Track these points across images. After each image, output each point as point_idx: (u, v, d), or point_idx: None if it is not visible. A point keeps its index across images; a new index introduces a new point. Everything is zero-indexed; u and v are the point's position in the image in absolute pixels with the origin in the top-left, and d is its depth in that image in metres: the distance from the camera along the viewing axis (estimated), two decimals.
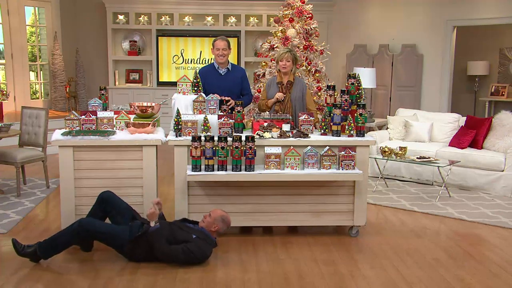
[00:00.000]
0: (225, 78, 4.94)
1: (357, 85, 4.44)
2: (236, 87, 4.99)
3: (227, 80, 4.93)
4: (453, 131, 6.48)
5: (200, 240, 3.67)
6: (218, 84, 4.86)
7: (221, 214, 3.84)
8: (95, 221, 3.73)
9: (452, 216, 4.99)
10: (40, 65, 9.37)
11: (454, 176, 5.93)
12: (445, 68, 8.51)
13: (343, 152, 4.05)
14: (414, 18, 8.74)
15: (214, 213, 3.83)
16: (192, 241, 3.64)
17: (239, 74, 5.06)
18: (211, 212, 3.85)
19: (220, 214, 3.84)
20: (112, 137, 4.05)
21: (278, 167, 4.02)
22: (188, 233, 3.69)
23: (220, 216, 3.82)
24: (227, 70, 4.97)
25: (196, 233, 3.70)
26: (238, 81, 5.02)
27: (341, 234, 4.41)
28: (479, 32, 9.27)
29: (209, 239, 3.74)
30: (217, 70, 4.94)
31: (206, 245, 3.68)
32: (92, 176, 4.07)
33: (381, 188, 5.98)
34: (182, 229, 3.73)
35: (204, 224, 3.80)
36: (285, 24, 7.12)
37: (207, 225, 3.80)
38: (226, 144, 3.94)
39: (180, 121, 4.08)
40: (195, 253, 3.61)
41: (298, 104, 4.88)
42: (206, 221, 3.80)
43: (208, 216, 3.82)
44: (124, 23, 9.47)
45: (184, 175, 4.04)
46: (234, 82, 4.98)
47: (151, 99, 9.19)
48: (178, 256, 3.60)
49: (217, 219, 3.80)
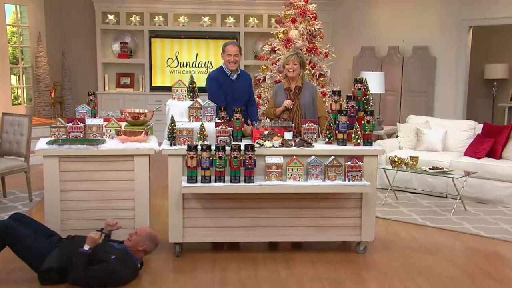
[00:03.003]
0: (236, 85, 5.00)
1: (365, 90, 4.49)
2: (246, 94, 5.07)
3: (238, 87, 5.00)
4: (469, 140, 6.51)
5: (119, 262, 3.58)
6: (230, 90, 4.93)
7: (148, 232, 3.82)
8: (19, 224, 3.71)
9: (468, 231, 5.02)
10: (23, 68, 9.41)
11: (470, 188, 5.95)
12: (460, 71, 8.51)
13: (350, 162, 4.09)
14: (426, 17, 8.78)
15: (140, 231, 3.79)
16: (110, 262, 3.56)
17: (247, 80, 5.13)
18: (138, 229, 3.82)
19: (147, 232, 3.81)
20: (102, 146, 4.09)
21: (280, 178, 4.06)
22: (108, 254, 3.62)
23: (147, 234, 3.79)
24: (237, 76, 5.02)
25: (116, 253, 3.64)
26: (247, 87, 5.09)
27: (347, 251, 4.44)
28: (498, 32, 9.26)
29: (130, 260, 3.69)
30: (229, 76, 4.98)
31: (124, 268, 3.61)
32: (80, 188, 4.11)
33: (391, 201, 6.01)
34: (103, 249, 3.64)
35: (130, 243, 3.75)
36: (287, 25, 7.20)
37: (133, 244, 3.74)
38: (224, 154, 3.98)
39: (174, 129, 4.13)
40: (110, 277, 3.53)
41: (309, 110, 4.92)
42: (133, 239, 3.75)
43: (135, 234, 3.78)
44: (114, 23, 9.55)
45: (179, 187, 4.08)
46: (244, 88, 5.05)
47: (144, 106, 9.21)
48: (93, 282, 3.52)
49: (144, 237, 3.76)
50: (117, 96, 9.52)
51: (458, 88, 8.56)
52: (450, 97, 8.63)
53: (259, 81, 7.37)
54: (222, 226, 4.26)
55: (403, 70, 8.83)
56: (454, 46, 8.54)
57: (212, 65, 9.52)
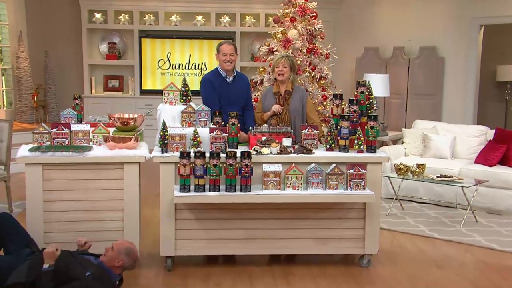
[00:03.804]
0: (232, 87, 5.02)
1: (368, 93, 4.53)
2: (242, 98, 5.09)
3: (234, 90, 5.02)
4: (480, 146, 6.56)
5: (93, 280, 3.51)
6: (226, 94, 4.95)
7: (126, 246, 3.76)
8: None
9: (480, 244, 5.04)
10: (2, 70, 9.41)
11: (482, 197, 5.99)
12: (470, 73, 8.52)
13: (352, 170, 4.13)
14: (434, 15, 8.80)
15: (117, 246, 3.74)
16: (83, 280, 3.47)
17: (245, 83, 5.16)
18: (114, 244, 3.76)
19: (124, 246, 3.75)
20: (88, 154, 4.12)
21: (278, 187, 4.10)
22: (84, 269, 3.55)
23: (124, 249, 3.73)
24: (234, 78, 5.05)
25: (92, 269, 3.58)
26: (245, 90, 5.12)
27: (350, 264, 4.46)
28: (511, 31, 9.25)
29: (106, 277, 3.63)
30: (225, 78, 5.00)
31: (100, 285, 3.54)
32: (65, 198, 4.13)
33: (396, 211, 6.05)
34: (78, 264, 3.59)
35: (106, 259, 3.69)
36: (285, 24, 7.24)
37: (109, 260, 3.69)
38: (219, 161, 4.01)
39: (166, 135, 4.16)
40: None
41: (298, 116, 4.97)
42: (108, 255, 3.70)
43: (111, 249, 3.72)
44: (102, 22, 9.59)
45: (171, 196, 4.10)
46: (241, 91, 5.07)
47: (133, 110, 9.22)
48: None
49: (121, 252, 3.70)
50: (105, 100, 9.55)
51: (468, 91, 8.56)
52: (460, 100, 8.63)
53: (256, 84, 7.40)
54: (217, 238, 4.28)
55: (409, 72, 8.86)
56: (464, 46, 8.53)
57: (206, 66, 9.57)
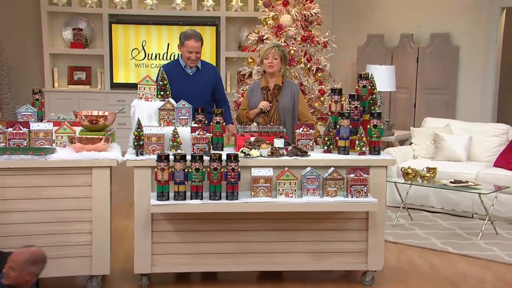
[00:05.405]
0: (194, 80, 5.11)
1: (371, 87, 4.57)
2: (208, 91, 5.16)
3: (196, 82, 5.10)
4: (500, 147, 6.60)
5: None
6: (185, 86, 5.01)
7: (25, 258, 3.52)
8: None
9: (500, 259, 5.06)
10: None
11: (502, 206, 6.01)
12: (489, 64, 8.47)
13: (353, 174, 4.16)
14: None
15: (15, 263, 3.50)
16: None
17: (211, 74, 5.23)
18: (10, 263, 3.51)
19: (24, 258, 3.51)
20: (51, 157, 4.12)
21: (269, 194, 4.12)
22: None
23: (26, 261, 3.51)
24: (196, 69, 5.14)
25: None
26: (210, 83, 5.18)
27: (351, 282, 4.50)
28: None
29: None
30: (184, 69, 5.11)
31: None
32: (23, 209, 4.12)
33: (404, 221, 6.08)
34: None
35: (12, 281, 3.50)
36: (277, 9, 7.25)
37: (16, 281, 3.50)
38: (201, 165, 4.04)
39: (141, 135, 4.18)
40: None
41: (288, 115, 5.00)
42: (12, 276, 3.50)
43: (11, 270, 3.50)
44: (65, 4, 9.51)
45: (146, 205, 4.12)
46: (205, 84, 5.15)
47: (103, 106, 9.21)
48: None
49: (25, 266, 3.49)
50: (70, 95, 9.54)
51: (486, 85, 8.52)
52: (477, 95, 8.59)
53: (244, 77, 7.42)
54: (199, 253, 4.30)
55: (418, 63, 8.85)
56: (482, 33, 8.45)
57: None
